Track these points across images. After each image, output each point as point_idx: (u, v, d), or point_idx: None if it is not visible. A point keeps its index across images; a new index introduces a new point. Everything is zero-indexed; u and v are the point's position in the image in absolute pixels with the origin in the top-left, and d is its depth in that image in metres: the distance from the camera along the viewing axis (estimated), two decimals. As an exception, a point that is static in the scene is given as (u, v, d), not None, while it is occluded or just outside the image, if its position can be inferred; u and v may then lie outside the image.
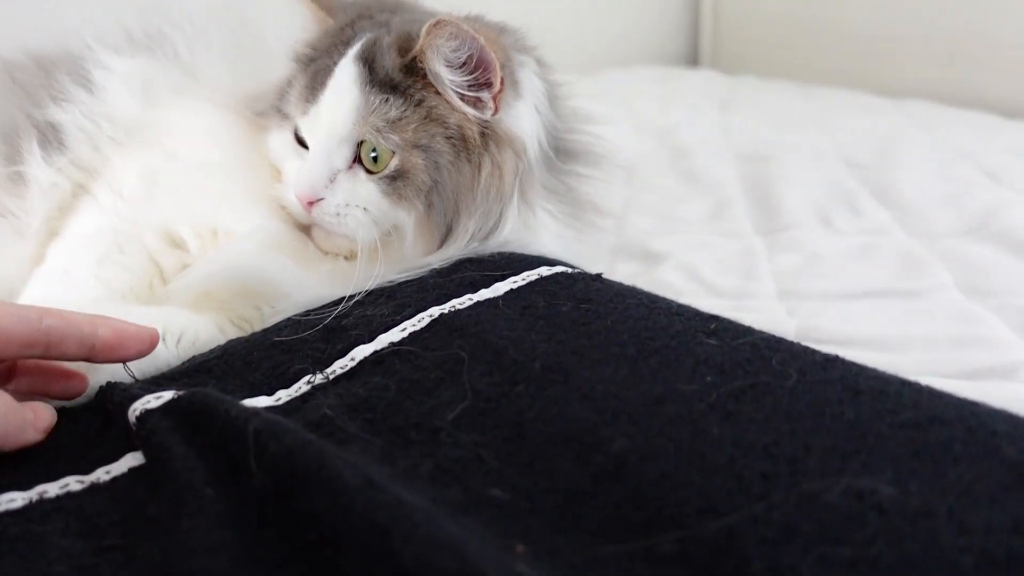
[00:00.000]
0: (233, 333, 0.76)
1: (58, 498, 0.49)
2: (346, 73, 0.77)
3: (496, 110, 0.78)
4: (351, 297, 0.71)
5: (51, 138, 0.84)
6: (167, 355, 0.71)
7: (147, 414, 0.53)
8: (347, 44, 0.79)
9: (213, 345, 0.72)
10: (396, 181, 0.77)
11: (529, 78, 0.83)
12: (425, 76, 0.76)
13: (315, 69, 0.80)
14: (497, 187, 0.79)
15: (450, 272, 0.75)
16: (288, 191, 0.79)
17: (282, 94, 0.83)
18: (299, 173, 0.77)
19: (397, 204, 0.77)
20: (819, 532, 0.41)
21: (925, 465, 0.44)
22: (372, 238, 0.77)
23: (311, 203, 0.76)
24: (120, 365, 0.63)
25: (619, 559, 0.43)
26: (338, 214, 0.77)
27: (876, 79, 1.97)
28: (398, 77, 0.77)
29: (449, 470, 0.49)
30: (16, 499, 0.48)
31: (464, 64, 0.76)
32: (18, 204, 0.83)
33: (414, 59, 0.76)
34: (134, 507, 0.48)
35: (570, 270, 0.74)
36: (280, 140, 0.82)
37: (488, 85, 0.77)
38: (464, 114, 0.77)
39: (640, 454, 0.48)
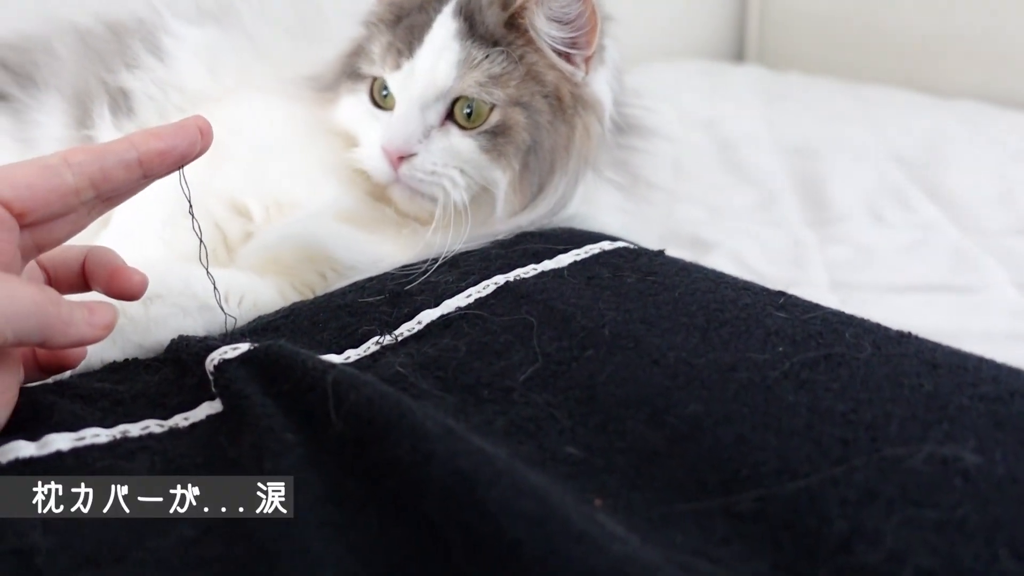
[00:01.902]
0: (294, 298, 0.77)
1: (140, 438, 0.50)
2: (446, 27, 0.77)
3: (587, 72, 0.79)
4: (434, 261, 0.71)
5: (121, 104, 0.86)
6: (231, 314, 0.72)
7: (225, 363, 0.54)
8: (441, 1, 0.80)
9: (273, 308, 0.73)
10: (497, 137, 0.76)
11: (611, 46, 0.84)
12: (526, 32, 0.77)
13: (408, 25, 0.79)
14: (587, 149, 0.79)
15: (511, 244, 0.75)
16: (370, 150, 0.78)
17: (356, 56, 0.83)
18: (391, 127, 0.76)
19: (495, 162, 0.77)
20: (902, 495, 0.41)
21: (1009, 436, 0.44)
22: (462, 199, 0.76)
23: (401, 158, 0.75)
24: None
25: (696, 516, 0.43)
26: (433, 172, 0.76)
27: (923, 78, 1.95)
28: (499, 32, 0.77)
29: (523, 427, 0.50)
30: (100, 434, 0.49)
31: (568, 22, 0.76)
32: None
33: (515, 14, 0.76)
34: (215, 451, 0.49)
35: (632, 245, 0.74)
36: (353, 104, 0.82)
37: (584, 46, 0.78)
38: (561, 72, 0.78)
39: (714, 418, 0.48)
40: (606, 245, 0.73)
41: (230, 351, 0.55)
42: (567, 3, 0.75)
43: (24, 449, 0.47)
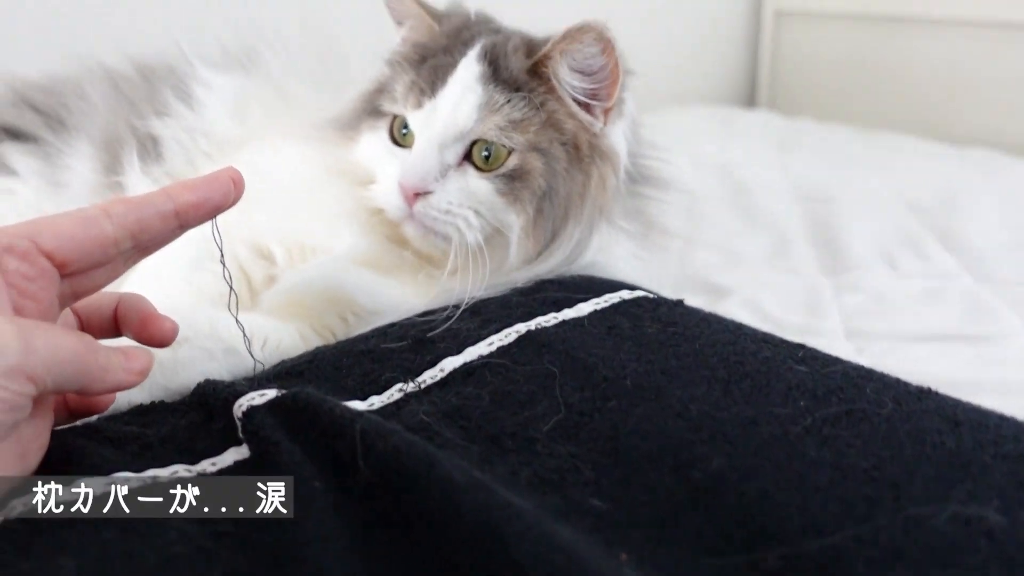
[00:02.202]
0: (315, 341, 0.77)
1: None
2: (470, 70, 0.79)
3: (605, 123, 0.81)
4: (456, 307, 0.72)
5: (150, 149, 0.88)
6: (259, 360, 0.73)
7: (253, 410, 0.55)
8: (467, 44, 0.82)
9: (295, 352, 0.73)
10: (514, 181, 0.77)
11: (629, 100, 0.85)
12: (548, 80, 0.78)
13: (432, 66, 0.81)
14: (602, 199, 0.81)
15: (531, 292, 0.76)
16: (386, 186, 0.79)
17: (378, 94, 0.84)
18: (409, 163, 0.77)
19: (510, 205, 0.77)
20: (928, 555, 0.41)
21: (1032, 496, 0.45)
22: (476, 240, 0.77)
23: (417, 195, 0.76)
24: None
25: (722, 572, 0.44)
26: (447, 211, 0.76)
27: (935, 126, 1.97)
28: (522, 78, 0.79)
29: (547, 479, 0.50)
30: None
31: (590, 73, 0.78)
32: None
33: (539, 62, 0.78)
34: (242, 496, 0.50)
35: (651, 295, 0.75)
36: (372, 141, 0.83)
37: (605, 97, 0.79)
38: (580, 122, 0.79)
39: (738, 472, 0.49)
40: (625, 294, 0.74)
41: (257, 397, 0.56)
42: (591, 55, 0.77)
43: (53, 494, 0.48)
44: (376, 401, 0.61)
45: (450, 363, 0.64)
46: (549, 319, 0.69)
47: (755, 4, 2.34)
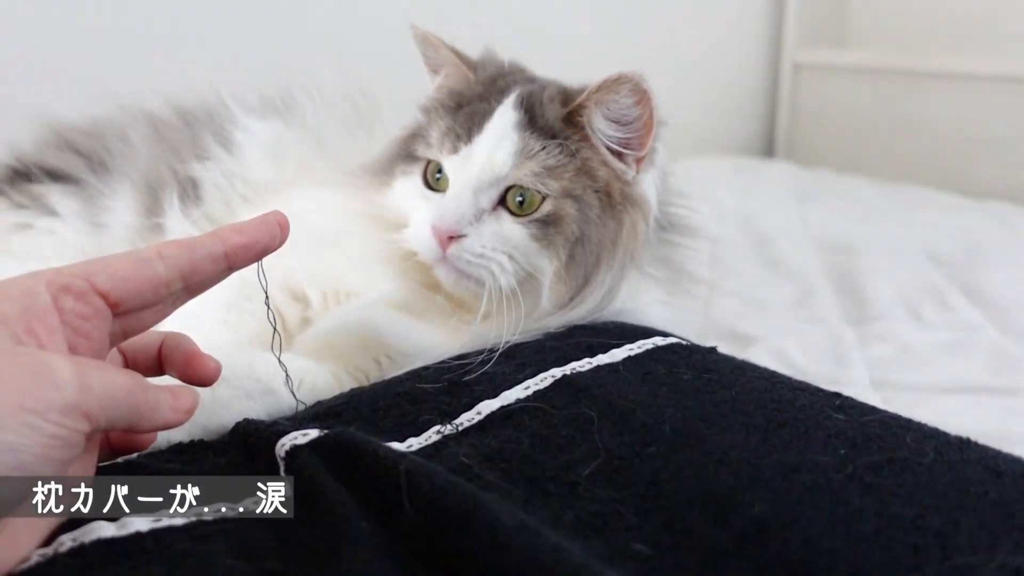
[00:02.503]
0: (349, 383, 0.78)
1: (214, 521, 0.51)
2: (506, 117, 0.80)
3: (637, 171, 0.82)
4: (491, 351, 0.72)
5: (189, 192, 0.90)
6: (290, 399, 0.74)
7: (296, 449, 0.56)
8: (503, 92, 0.84)
9: (329, 393, 0.74)
10: (548, 227, 0.78)
11: (661, 149, 0.87)
12: (583, 128, 0.80)
13: (468, 112, 0.82)
14: (633, 246, 0.82)
15: (564, 337, 0.77)
16: (419, 229, 0.80)
17: (412, 140, 0.86)
18: (443, 206, 0.78)
19: (543, 250, 0.78)
20: (978, 605, 0.41)
21: (1080, 547, 0.45)
22: (509, 284, 0.78)
23: (451, 238, 0.77)
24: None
25: (769, 619, 0.44)
26: (481, 255, 0.77)
27: (953, 178, 1.98)
28: (557, 126, 0.80)
29: (590, 523, 0.51)
30: (177, 517, 0.50)
31: (625, 123, 0.80)
32: None
33: (574, 111, 0.80)
34: (288, 535, 0.50)
35: (684, 342, 0.75)
36: (406, 185, 0.85)
37: (638, 147, 0.81)
38: (613, 170, 0.81)
39: (782, 519, 0.49)
40: (659, 341, 0.74)
41: (300, 437, 0.57)
42: (626, 106, 0.78)
43: (105, 529, 0.48)
44: (414, 443, 0.61)
45: (487, 406, 0.64)
46: (583, 364, 0.70)
47: (774, 57, 2.37)
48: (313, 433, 0.57)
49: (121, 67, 1.41)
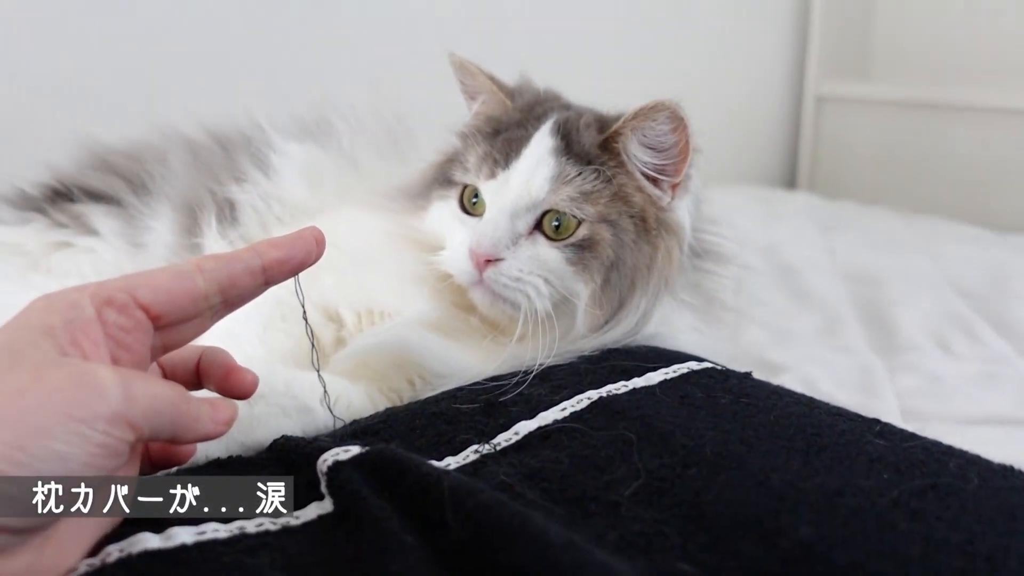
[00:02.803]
0: (383, 403, 0.78)
1: (258, 535, 0.51)
2: (543, 143, 0.81)
3: (672, 198, 0.83)
4: (527, 373, 0.73)
5: (227, 214, 0.91)
6: (325, 417, 0.74)
7: (338, 465, 0.56)
8: (539, 119, 0.84)
9: (364, 412, 0.74)
10: (583, 251, 0.79)
11: (695, 176, 0.87)
12: (618, 155, 0.81)
13: (505, 139, 0.83)
14: (667, 271, 0.82)
15: (599, 360, 0.77)
16: (456, 252, 0.81)
17: (449, 165, 0.87)
18: (480, 230, 0.79)
19: (579, 275, 0.79)
20: (1031, 630, 0.41)
21: None
22: (544, 308, 0.78)
23: (488, 262, 0.77)
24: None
25: (818, 641, 0.43)
26: (517, 279, 0.78)
27: (975, 211, 1.98)
28: (594, 152, 0.81)
29: (634, 543, 0.50)
30: (220, 529, 0.51)
31: (661, 150, 0.80)
32: None
33: (610, 137, 0.80)
34: (331, 549, 0.50)
35: (719, 366, 0.75)
36: (442, 209, 0.86)
37: (673, 173, 0.81)
38: (648, 195, 0.81)
39: (827, 542, 0.49)
40: (694, 365, 0.74)
41: (342, 453, 0.57)
42: (662, 133, 0.79)
43: (150, 541, 0.49)
44: (452, 462, 0.61)
45: (524, 427, 0.65)
46: (620, 387, 0.70)
47: (797, 88, 2.39)
48: (355, 449, 0.57)
49: (157, 91, 1.43)
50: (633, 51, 2.06)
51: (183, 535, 0.50)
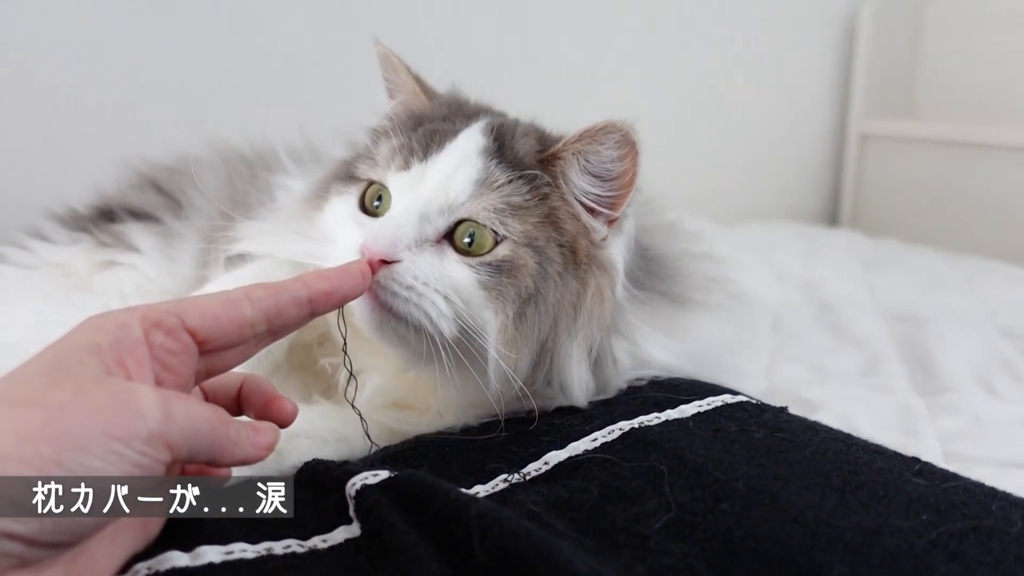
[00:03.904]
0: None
1: (284, 556, 0.51)
2: (472, 140, 0.72)
3: (607, 236, 0.73)
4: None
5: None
6: (364, 447, 0.74)
7: (366, 489, 0.56)
8: (471, 118, 0.76)
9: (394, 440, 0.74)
10: (500, 275, 0.67)
11: (631, 216, 0.77)
12: (556, 178, 0.71)
13: (427, 131, 0.73)
14: (599, 312, 0.72)
15: (631, 392, 0.76)
16: (341, 252, 0.70)
17: (355, 161, 0.78)
18: (379, 225, 0.67)
19: (489, 301, 0.67)
20: None
21: None
22: (448, 331, 0.66)
23: (383, 262, 0.65)
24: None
25: None
26: (411, 287, 0.65)
27: (1021, 251, 1.94)
28: (529, 162, 0.71)
29: (662, 575, 0.50)
30: (247, 550, 0.51)
31: (606, 179, 0.71)
32: None
33: (548, 159, 0.72)
34: (358, 573, 0.50)
35: (754, 400, 0.74)
36: (339, 206, 0.75)
37: (613, 206, 0.72)
38: (583, 225, 0.72)
39: (863, 583, 0.47)
40: (728, 398, 0.73)
41: (371, 477, 0.57)
42: (610, 160, 0.70)
43: (179, 559, 0.49)
44: (481, 490, 0.61)
45: (554, 456, 0.64)
46: (652, 418, 0.69)
47: (840, 126, 2.37)
48: (383, 474, 0.57)
49: (203, 112, 1.46)
50: (676, 85, 2.06)
51: (211, 554, 0.50)
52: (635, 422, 0.68)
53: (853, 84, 2.31)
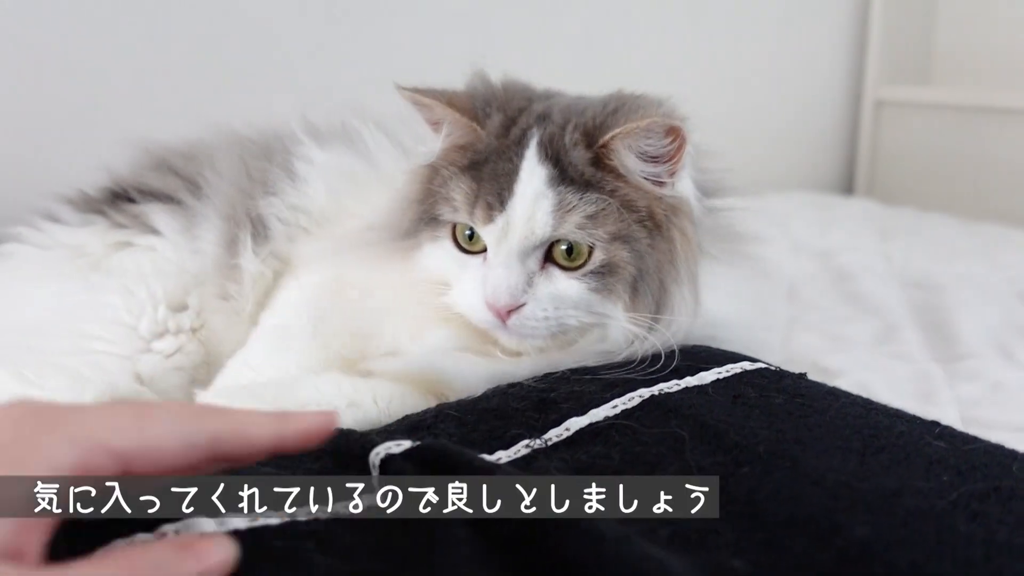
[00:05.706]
0: (434, 401, 0.78)
1: (308, 522, 0.52)
2: (535, 175, 0.76)
3: (673, 183, 0.79)
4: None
5: (260, 230, 0.91)
6: (377, 415, 0.75)
7: (390, 458, 0.56)
8: (520, 144, 0.78)
9: (416, 409, 0.75)
10: (605, 277, 0.76)
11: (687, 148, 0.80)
12: (614, 169, 0.76)
13: (490, 173, 0.78)
14: (691, 251, 0.79)
15: (653, 359, 0.76)
16: (470, 301, 0.77)
17: (432, 201, 0.81)
18: (492, 283, 0.75)
19: (605, 299, 0.76)
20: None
21: None
22: (581, 325, 0.77)
23: (510, 312, 0.75)
24: None
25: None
26: (546, 318, 0.75)
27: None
28: (588, 171, 0.76)
29: (688, 538, 0.50)
30: (272, 516, 0.51)
31: (656, 156, 0.76)
32: (237, 289, 0.90)
33: (601, 153, 0.76)
34: (381, 538, 0.51)
35: (773, 367, 0.74)
36: (438, 252, 0.81)
37: (671, 168, 0.77)
38: (650, 194, 0.77)
39: (884, 542, 0.48)
40: (747, 365, 0.74)
41: (394, 447, 0.57)
42: (659, 145, 0.75)
43: (205, 525, 0.50)
44: (503, 456, 0.62)
45: (576, 423, 0.64)
46: (672, 385, 0.70)
47: (855, 93, 2.35)
48: (406, 443, 0.58)
49: (214, 93, 1.47)
50: (690, 56, 2.05)
51: (237, 521, 0.51)
52: (655, 389, 0.69)
53: (868, 49, 2.29)
